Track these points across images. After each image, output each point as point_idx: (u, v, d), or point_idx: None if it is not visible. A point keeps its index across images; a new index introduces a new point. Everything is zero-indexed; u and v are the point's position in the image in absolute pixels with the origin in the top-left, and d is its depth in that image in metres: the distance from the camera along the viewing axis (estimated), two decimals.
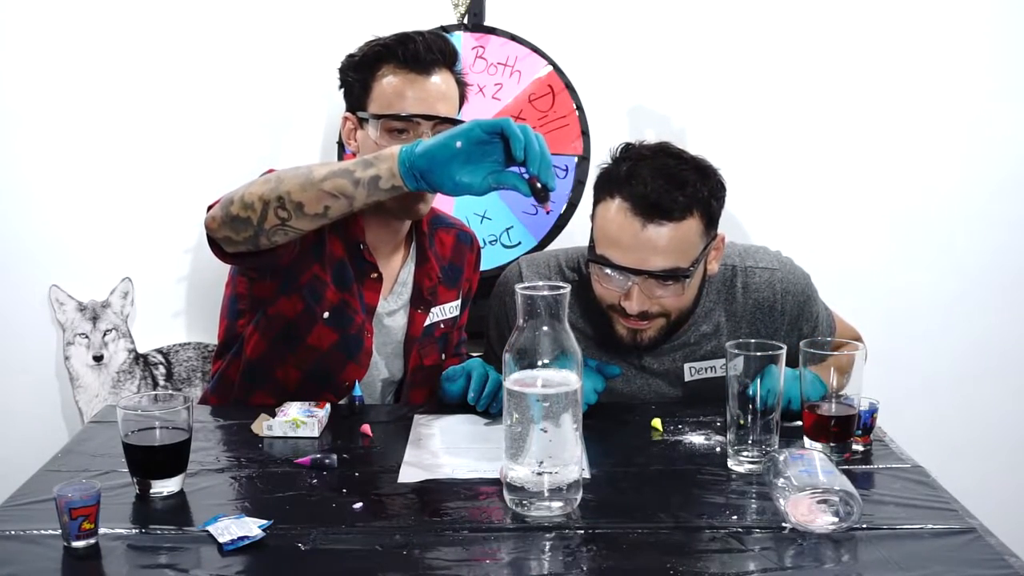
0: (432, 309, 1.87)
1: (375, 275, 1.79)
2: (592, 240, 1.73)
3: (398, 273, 1.85)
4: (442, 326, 1.90)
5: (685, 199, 1.65)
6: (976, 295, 2.73)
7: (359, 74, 1.73)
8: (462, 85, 1.76)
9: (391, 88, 1.69)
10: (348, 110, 1.77)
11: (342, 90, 1.78)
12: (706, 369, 1.83)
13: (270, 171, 1.74)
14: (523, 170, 1.39)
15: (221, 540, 1.23)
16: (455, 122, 1.70)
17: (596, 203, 1.73)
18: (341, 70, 1.76)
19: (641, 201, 1.64)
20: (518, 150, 1.35)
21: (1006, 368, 2.75)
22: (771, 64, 2.64)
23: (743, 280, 1.84)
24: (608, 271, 1.69)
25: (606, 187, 1.70)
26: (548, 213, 1.31)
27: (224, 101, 2.60)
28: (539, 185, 1.38)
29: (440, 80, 1.71)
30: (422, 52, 1.68)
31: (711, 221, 1.70)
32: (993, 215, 2.71)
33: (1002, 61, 2.66)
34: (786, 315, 1.83)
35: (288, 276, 1.72)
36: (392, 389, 1.90)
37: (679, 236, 1.65)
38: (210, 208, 1.62)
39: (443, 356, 1.92)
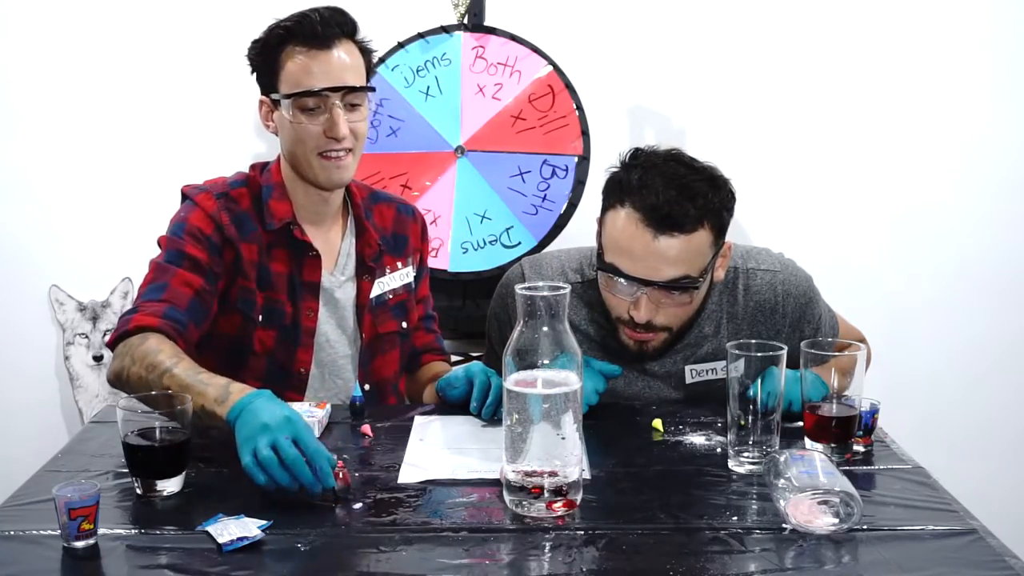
0: (381, 278, 1.89)
1: (312, 253, 1.82)
2: (600, 247, 1.72)
3: (340, 246, 1.87)
4: (395, 293, 1.92)
5: (697, 211, 1.63)
6: (976, 296, 2.73)
7: (265, 57, 1.77)
8: (367, 53, 1.80)
9: (297, 67, 1.73)
10: (262, 93, 1.80)
11: (254, 75, 1.81)
12: (707, 371, 1.83)
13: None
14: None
15: (220, 540, 1.23)
16: (365, 90, 1.76)
17: (605, 210, 1.71)
18: (248, 56, 1.80)
19: (652, 212, 1.63)
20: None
21: (1007, 368, 2.75)
22: (771, 65, 2.64)
23: (744, 282, 1.83)
24: (617, 279, 1.68)
25: (616, 194, 1.68)
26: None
27: (223, 102, 2.60)
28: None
29: (343, 51, 1.74)
30: (320, 28, 1.72)
31: (721, 231, 1.69)
32: (993, 216, 2.71)
33: (1001, 63, 2.66)
34: (787, 317, 1.83)
35: (220, 299, 1.76)
36: (356, 364, 1.90)
37: (690, 247, 1.64)
38: (113, 341, 1.65)
39: (403, 324, 1.94)
